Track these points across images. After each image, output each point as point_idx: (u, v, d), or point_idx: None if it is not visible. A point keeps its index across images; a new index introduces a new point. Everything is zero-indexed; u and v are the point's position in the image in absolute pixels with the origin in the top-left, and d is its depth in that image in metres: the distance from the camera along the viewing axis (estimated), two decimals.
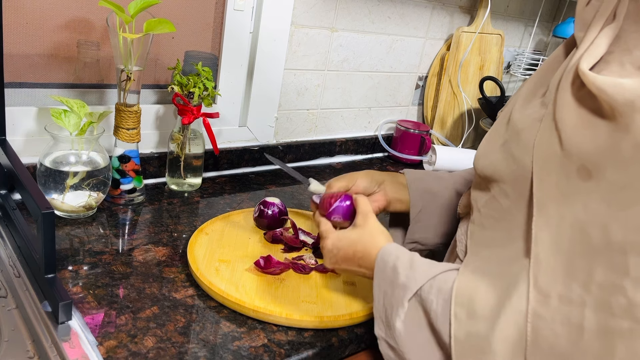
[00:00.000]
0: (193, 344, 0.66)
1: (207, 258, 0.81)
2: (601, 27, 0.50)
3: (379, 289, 0.63)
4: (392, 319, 0.60)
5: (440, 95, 1.55)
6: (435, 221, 0.81)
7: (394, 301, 0.60)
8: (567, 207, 0.48)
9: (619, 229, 0.44)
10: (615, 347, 0.44)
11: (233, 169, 1.21)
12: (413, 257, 0.63)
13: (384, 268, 0.63)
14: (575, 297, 0.46)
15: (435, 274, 0.59)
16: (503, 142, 0.57)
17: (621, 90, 0.44)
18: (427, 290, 0.58)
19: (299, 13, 1.20)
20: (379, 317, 0.63)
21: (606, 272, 0.45)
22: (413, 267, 0.61)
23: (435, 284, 0.58)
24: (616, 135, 0.45)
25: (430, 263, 0.62)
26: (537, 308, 0.48)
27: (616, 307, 0.44)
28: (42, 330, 0.64)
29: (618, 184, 0.45)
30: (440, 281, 0.58)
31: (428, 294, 0.58)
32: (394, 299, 0.61)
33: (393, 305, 0.60)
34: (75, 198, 0.87)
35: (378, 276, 0.64)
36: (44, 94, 0.97)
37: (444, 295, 0.56)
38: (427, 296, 0.58)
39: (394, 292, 0.61)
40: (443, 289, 0.57)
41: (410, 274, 0.60)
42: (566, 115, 0.49)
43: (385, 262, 0.64)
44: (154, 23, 0.85)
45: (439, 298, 0.57)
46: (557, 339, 0.46)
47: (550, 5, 1.81)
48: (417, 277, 0.60)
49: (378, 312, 0.63)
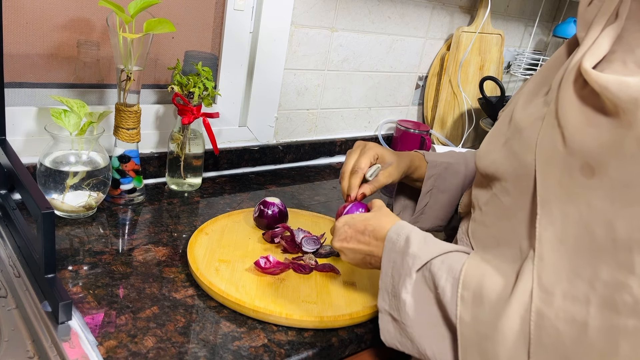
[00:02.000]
0: (193, 344, 0.66)
1: (207, 258, 0.81)
2: (603, 27, 0.50)
3: (388, 258, 0.63)
4: (398, 288, 0.60)
5: (440, 95, 1.55)
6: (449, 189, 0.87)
7: (403, 271, 0.60)
8: (571, 205, 0.48)
9: (624, 227, 0.44)
10: (619, 344, 0.44)
11: (233, 169, 1.21)
12: (427, 234, 0.63)
13: (397, 239, 0.63)
14: (580, 295, 0.46)
15: (449, 250, 0.59)
16: (505, 141, 0.57)
17: (625, 87, 0.44)
18: (438, 266, 0.58)
19: (299, 13, 1.20)
20: (384, 288, 0.63)
21: (611, 270, 0.45)
22: (427, 241, 0.61)
23: (447, 260, 0.58)
24: (619, 132, 0.45)
25: (443, 242, 0.62)
26: (541, 306, 0.48)
27: (621, 305, 0.44)
28: (42, 330, 0.64)
29: (622, 181, 0.45)
30: (453, 259, 0.58)
31: (439, 269, 0.58)
32: (402, 268, 0.61)
33: (401, 274, 0.60)
34: (75, 198, 0.87)
35: (389, 246, 0.64)
36: (44, 94, 0.97)
37: (454, 274, 0.57)
38: (437, 271, 0.58)
39: (403, 261, 0.61)
40: (454, 268, 0.57)
41: (423, 246, 0.61)
42: (569, 114, 0.49)
43: (399, 233, 0.64)
44: (154, 23, 0.85)
45: (449, 275, 0.57)
46: (560, 336, 0.46)
47: (550, 5, 1.81)
48: (429, 249, 0.60)
49: (384, 283, 0.63)
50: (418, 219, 0.88)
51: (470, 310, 0.53)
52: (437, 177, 0.85)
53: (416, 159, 0.87)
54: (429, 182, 0.85)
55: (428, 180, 0.85)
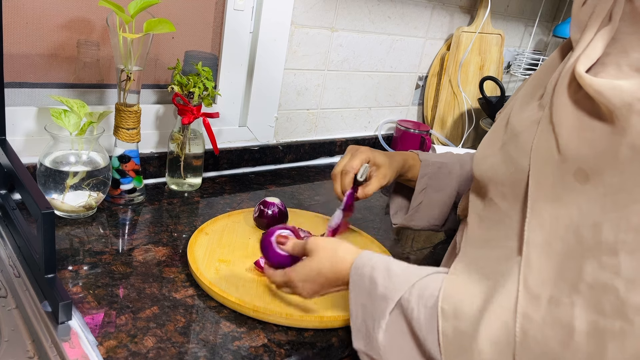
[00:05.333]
0: (193, 344, 0.66)
1: (207, 258, 0.81)
2: (597, 29, 0.50)
3: (356, 302, 0.62)
4: (374, 332, 0.59)
5: (440, 95, 1.55)
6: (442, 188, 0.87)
7: (375, 314, 0.59)
8: (562, 209, 0.48)
9: (611, 229, 0.44)
10: (606, 347, 0.43)
11: (233, 169, 1.21)
12: (389, 265, 0.61)
13: (361, 281, 0.61)
14: (566, 298, 0.46)
15: (414, 281, 0.58)
16: (502, 145, 0.57)
17: (619, 92, 0.44)
18: (407, 299, 0.57)
19: (299, 13, 1.20)
20: (357, 331, 0.61)
21: (597, 272, 0.44)
22: (390, 275, 0.59)
23: (414, 291, 0.57)
24: (614, 138, 0.45)
25: (408, 269, 0.60)
26: (527, 310, 0.47)
27: (607, 307, 0.43)
28: (42, 330, 0.64)
29: (614, 187, 0.45)
30: (420, 288, 0.57)
31: (408, 303, 0.57)
32: (375, 311, 0.59)
33: (375, 317, 0.59)
34: (75, 198, 0.87)
35: (355, 290, 0.62)
36: (44, 94, 0.97)
37: (425, 301, 0.55)
38: (407, 305, 0.57)
39: (374, 304, 0.59)
40: (423, 295, 0.56)
41: (388, 284, 0.59)
42: (563, 118, 0.49)
43: (361, 275, 0.62)
44: (154, 23, 0.85)
45: (419, 305, 0.56)
46: (546, 340, 0.46)
47: (550, 5, 1.81)
48: (396, 286, 0.58)
49: (357, 326, 0.61)
50: (413, 217, 0.88)
51: (452, 324, 0.53)
52: (430, 176, 0.86)
53: (410, 158, 0.87)
54: (423, 180, 0.86)
55: (422, 178, 0.86)
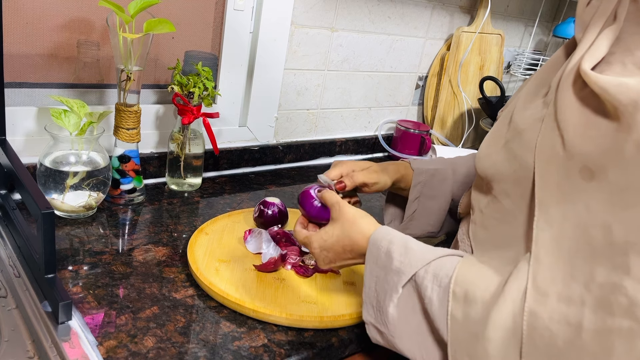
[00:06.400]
0: (193, 344, 0.66)
1: (207, 258, 0.81)
2: (601, 28, 0.50)
3: (370, 274, 0.63)
4: (384, 304, 0.60)
5: (440, 95, 1.55)
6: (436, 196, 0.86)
7: (388, 286, 0.60)
8: (569, 207, 0.48)
9: (621, 229, 0.44)
10: (613, 346, 0.43)
11: (233, 169, 1.21)
12: (407, 241, 0.62)
13: (377, 253, 0.62)
14: (575, 296, 0.46)
15: (430, 259, 0.59)
16: (505, 143, 0.57)
17: (625, 89, 0.44)
18: (422, 276, 0.57)
19: (299, 13, 1.20)
20: (369, 302, 0.62)
21: (607, 271, 0.45)
22: (407, 252, 0.60)
23: (430, 269, 0.58)
24: (619, 135, 0.45)
25: (425, 248, 0.61)
26: (534, 307, 0.48)
27: (616, 306, 0.44)
28: (42, 330, 0.64)
29: (620, 184, 0.45)
30: (436, 267, 0.58)
31: (423, 280, 0.57)
32: (387, 284, 0.60)
33: (386, 290, 0.60)
34: (75, 198, 0.87)
35: (370, 261, 0.63)
36: (44, 94, 0.97)
37: (439, 281, 0.56)
38: (422, 282, 0.57)
39: (387, 277, 0.60)
40: (439, 275, 0.57)
41: (404, 259, 0.60)
42: (569, 116, 0.49)
43: (378, 247, 0.63)
44: (154, 23, 0.85)
45: (434, 284, 0.56)
46: (553, 337, 0.46)
47: (550, 5, 1.81)
48: (412, 262, 0.59)
49: (368, 297, 0.63)
50: (408, 226, 0.87)
51: (462, 308, 0.53)
52: (424, 184, 0.85)
53: (402, 167, 0.86)
54: (416, 189, 0.85)
55: (415, 187, 0.85)
